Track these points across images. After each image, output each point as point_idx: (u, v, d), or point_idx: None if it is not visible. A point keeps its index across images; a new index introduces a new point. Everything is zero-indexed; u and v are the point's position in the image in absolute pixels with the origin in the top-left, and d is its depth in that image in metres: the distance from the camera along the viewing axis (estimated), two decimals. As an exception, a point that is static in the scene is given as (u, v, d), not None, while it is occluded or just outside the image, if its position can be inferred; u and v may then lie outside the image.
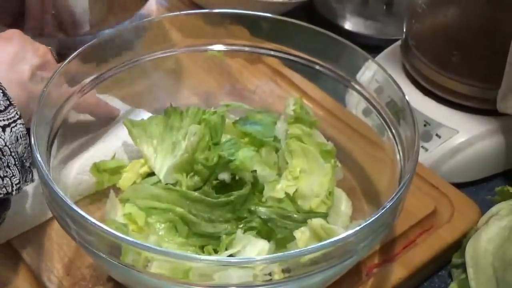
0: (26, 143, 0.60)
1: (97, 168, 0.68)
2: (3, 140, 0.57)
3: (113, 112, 0.74)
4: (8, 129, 0.57)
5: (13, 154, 0.57)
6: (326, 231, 0.60)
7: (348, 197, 0.68)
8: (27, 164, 0.60)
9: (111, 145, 0.72)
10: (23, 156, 0.59)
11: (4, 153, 0.57)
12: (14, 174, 0.57)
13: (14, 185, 0.57)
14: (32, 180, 0.62)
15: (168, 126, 0.70)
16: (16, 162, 0.58)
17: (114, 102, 0.75)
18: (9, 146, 0.57)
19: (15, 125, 0.58)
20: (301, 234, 0.61)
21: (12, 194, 0.57)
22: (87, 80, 0.68)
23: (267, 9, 0.89)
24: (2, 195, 0.56)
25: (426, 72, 0.81)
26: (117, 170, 0.68)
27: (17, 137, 0.58)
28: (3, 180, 0.56)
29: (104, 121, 0.73)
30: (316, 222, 0.61)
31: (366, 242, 0.54)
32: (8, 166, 0.57)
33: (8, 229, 0.63)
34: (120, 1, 0.88)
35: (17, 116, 0.59)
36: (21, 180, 0.58)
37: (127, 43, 0.71)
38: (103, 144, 0.72)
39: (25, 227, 0.65)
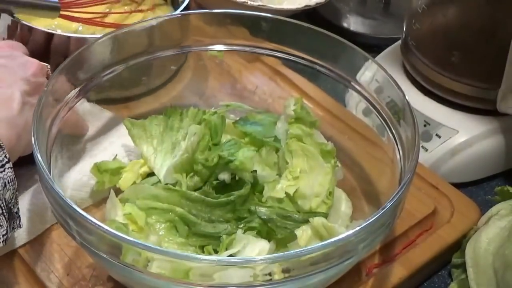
0: (14, 188, 0.55)
1: (98, 168, 0.67)
2: None
3: (82, 129, 0.70)
4: None
5: (0, 202, 0.53)
6: (328, 230, 0.61)
7: (348, 197, 0.68)
8: (15, 210, 0.57)
9: (111, 147, 0.72)
10: (10, 202, 0.55)
11: None
12: (1, 224, 0.53)
13: (1, 236, 0.53)
14: (20, 226, 0.58)
15: (168, 127, 0.71)
16: (4, 211, 0.54)
17: (95, 108, 0.72)
18: None
19: (3, 170, 0.54)
20: (303, 232, 0.61)
21: None
22: (82, 84, 0.68)
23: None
24: None
25: (426, 72, 0.81)
26: (118, 171, 0.68)
27: (5, 182, 0.54)
28: None
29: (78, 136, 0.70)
30: (318, 220, 0.61)
31: (366, 242, 0.54)
32: None
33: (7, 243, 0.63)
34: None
35: (6, 160, 0.55)
36: (8, 229, 0.54)
37: (124, 45, 0.71)
38: (102, 147, 0.72)
39: (21, 242, 0.64)
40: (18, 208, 0.57)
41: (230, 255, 0.59)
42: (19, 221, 0.58)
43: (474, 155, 0.78)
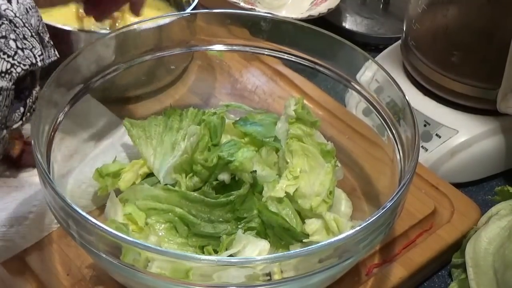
0: (38, 15, 0.56)
1: (99, 173, 0.67)
2: (12, 11, 0.53)
3: None
4: (14, 0, 0.54)
5: (26, 25, 0.54)
6: (337, 222, 0.62)
7: (348, 197, 0.68)
8: (46, 39, 0.57)
9: (111, 149, 0.72)
10: (38, 29, 0.56)
11: (17, 25, 0.53)
12: (34, 45, 0.54)
13: (37, 56, 0.54)
14: (56, 56, 0.58)
15: (167, 127, 0.70)
16: (33, 34, 0.55)
17: (99, 108, 0.72)
18: (20, 17, 0.53)
19: None
20: (311, 224, 0.62)
21: (37, 65, 0.54)
22: (83, 83, 0.67)
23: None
24: (27, 67, 0.53)
25: (426, 72, 0.81)
26: (119, 173, 0.68)
27: (26, 8, 0.55)
28: (23, 51, 0.53)
29: None
30: (329, 214, 0.61)
31: (366, 242, 0.54)
32: (25, 38, 0.54)
33: (5, 250, 0.63)
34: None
35: None
36: (43, 52, 0.55)
37: (125, 44, 0.71)
38: (102, 147, 0.72)
39: (19, 248, 0.64)
40: (49, 37, 0.57)
41: (230, 255, 0.60)
42: (54, 51, 0.58)
43: (474, 155, 0.78)
